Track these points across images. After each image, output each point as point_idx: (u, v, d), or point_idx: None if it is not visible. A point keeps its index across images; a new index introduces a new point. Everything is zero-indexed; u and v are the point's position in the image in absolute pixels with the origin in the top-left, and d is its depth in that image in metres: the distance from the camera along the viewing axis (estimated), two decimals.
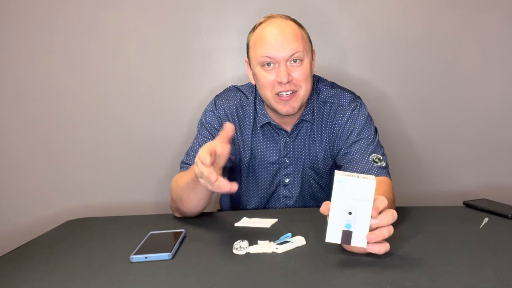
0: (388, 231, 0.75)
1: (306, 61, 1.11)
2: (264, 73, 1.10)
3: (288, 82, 1.07)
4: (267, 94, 1.12)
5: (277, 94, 1.10)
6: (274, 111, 1.16)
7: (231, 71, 1.63)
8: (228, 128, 0.88)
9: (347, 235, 0.74)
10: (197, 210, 1.11)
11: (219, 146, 0.87)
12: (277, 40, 1.08)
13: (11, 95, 1.62)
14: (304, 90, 1.11)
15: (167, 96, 1.64)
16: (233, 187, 0.83)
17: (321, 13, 1.60)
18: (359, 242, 0.74)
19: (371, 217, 0.74)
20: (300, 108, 1.16)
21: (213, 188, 0.85)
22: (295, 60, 1.09)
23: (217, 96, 1.27)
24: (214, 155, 0.86)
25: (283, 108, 1.11)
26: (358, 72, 1.63)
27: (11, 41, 1.60)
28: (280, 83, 1.08)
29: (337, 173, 0.75)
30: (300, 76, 1.09)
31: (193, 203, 1.07)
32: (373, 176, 0.75)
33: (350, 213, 0.74)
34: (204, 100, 1.30)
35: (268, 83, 1.10)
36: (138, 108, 1.64)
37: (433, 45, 1.60)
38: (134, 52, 1.62)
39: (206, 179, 0.84)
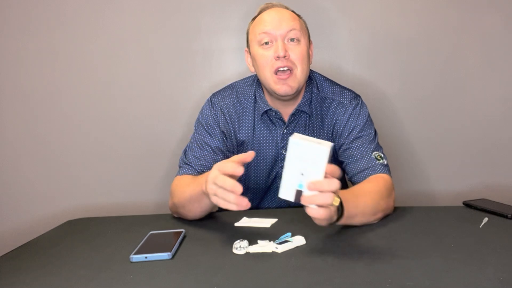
0: (324, 198, 0.77)
1: (303, 42, 1.13)
2: (262, 51, 1.12)
3: (285, 57, 1.08)
4: (266, 74, 1.12)
5: (275, 73, 1.10)
6: (273, 96, 1.16)
7: (231, 71, 1.63)
8: (248, 156, 0.87)
9: (299, 195, 0.79)
10: (201, 216, 1.10)
11: (231, 167, 0.85)
12: (275, 18, 1.12)
13: (11, 95, 1.62)
14: (300, 71, 1.12)
15: (167, 96, 1.64)
16: (247, 203, 0.82)
17: (321, 13, 1.60)
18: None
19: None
20: (297, 95, 1.17)
21: (229, 206, 0.83)
22: (292, 40, 1.11)
23: (214, 94, 1.27)
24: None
25: (281, 88, 1.10)
26: (358, 72, 1.63)
27: (11, 41, 1.60)
28: (277, 57, 1.09)
29: (294, 136, 0.78)
30: (297, 55, 1.10)
31: (197, 213, 1.08)
32: (329, 143, 0.78)
33: (302, 174, 0.77)
34: (204, 100, 1.30)
35: (267, 61, 1.11)
36: (138, 108, 1.64)
37: (433, 45, 1.61)
38: (134, 52, 1.62)
39: (224, 195, 0.83)
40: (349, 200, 0.93)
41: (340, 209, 0.88)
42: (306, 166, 0.77)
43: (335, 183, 0.78)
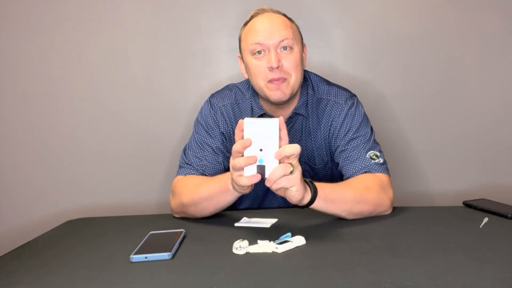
0: (284, 168, 0.84)
1: (296, 49, 1.12)
2: (255, 61, 1.12)
3: (278, 67, 1.08)
4: (259, 82, 1.12)
5: (269, 81, 1.10)
6: (268, 102, 1.16)
7: (231, 71, 1.63)
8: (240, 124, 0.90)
9: (261, 169, 0.86)
10: (211, 214, 1.11)
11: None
12: (267, 27, 1.11)
13: (11, 95, 1.62)
14: (294, 79, 1.12)
15: (167, 96, 1.64)
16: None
17: (321, 13, 1.60)
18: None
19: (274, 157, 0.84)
20: (292, 99, 1.18)
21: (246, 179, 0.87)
22: (285, 48, 1.11)
23: (212, 95, 1.27)
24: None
25: (274, 95, 1.11)
26: (358, 72, 1.63)
27: (11, 41, 1.60)
28: (270, 68, 1.09)
29: (246, 119, 0.86)
30: (290, 64, 1.10)
31: (211, 210, 1.09)
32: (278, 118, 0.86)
33: (261, 150, 0.85)
34: (203, 99, 1.31)
35: (260, 71, 1.11)
36: (138, 107, 1.64)
37: (433, 45, 1.60)
38: (134, 52, 1.62)
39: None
40: (327, 185, 0.99)
41: (312, 187, 0.93)
42: (262, 141, 0.84)
43: (296, 146, 0.85)
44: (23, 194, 1.65)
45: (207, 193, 1.06)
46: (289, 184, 0.86)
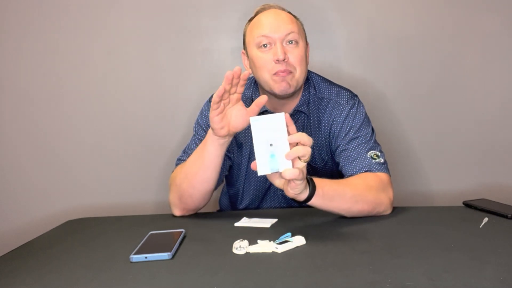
0: (304, 149, 0.84)
1: (301, 44, 1.13)
2: (261, 54, 1.12)
3: (284, 60, 1.09)
4: (264, 75, 1.12)
5: (275, 74, 1.10)
6: (271, 97, 1.16)
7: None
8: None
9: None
10: (202, 193, 1.10)
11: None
12: (273, 21, 1.12)
13: (12, 95, 1.62)
14: (299, 73, 1.12)
15: (167, 96, 1.64)
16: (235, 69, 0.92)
17: (321, 13, 1.60)
18: (285, 166, 0.84)
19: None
20: (294, 95, 1.18)
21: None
22: (290, 42, 1.11)
23: (212, 96, 1.27)
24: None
25: (280, 87, 1.10)
26: (358, 72, 1.63)
27: (12, 41, 1.60)
28: (277, 61, 1.09)
29: (251, 117, 0.86)
30: (295, 57, 1.11)
31: (200, 179, 1.07)
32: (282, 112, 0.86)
33: (271, 145, 0.84)
34: (204, 100, 1.31)
35: (265, 63, 1.11)
36: (138, 108, 1.64)
37: (433, 45, 1.60)
38: (134, 52, 1.62)
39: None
40: (326, 182, 0.98)
41: (311, 183, 0.93)
42: (271, 135, 0.84)
43: (310, 138, 0.86)
44: (23, 194, 1.65)
45: (191, 159, 1.09)
46: (300, 175, 0.84)
